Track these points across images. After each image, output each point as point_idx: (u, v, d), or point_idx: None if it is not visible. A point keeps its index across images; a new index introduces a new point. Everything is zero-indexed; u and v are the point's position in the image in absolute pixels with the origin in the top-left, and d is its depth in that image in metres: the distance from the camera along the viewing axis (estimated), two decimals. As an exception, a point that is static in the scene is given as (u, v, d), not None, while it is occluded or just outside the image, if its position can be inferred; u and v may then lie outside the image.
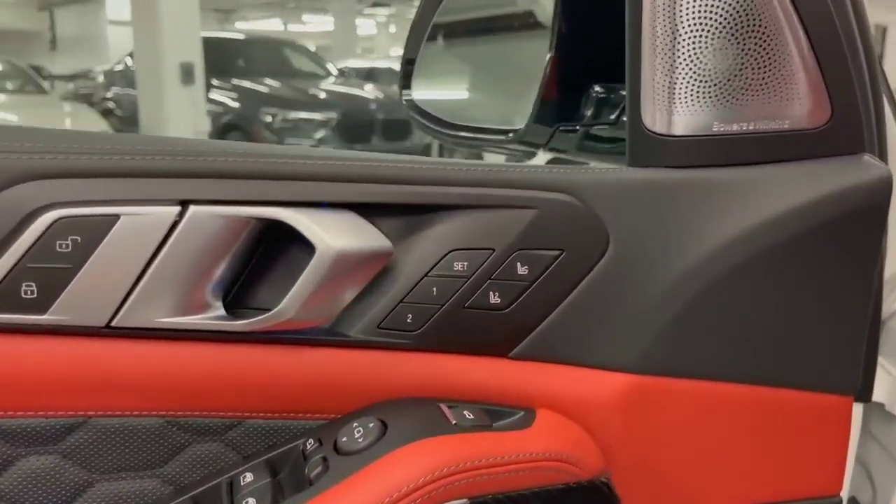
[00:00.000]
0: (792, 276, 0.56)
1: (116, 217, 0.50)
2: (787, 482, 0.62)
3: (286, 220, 0.53)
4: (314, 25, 20.80)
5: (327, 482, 0.49)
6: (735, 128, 0.54)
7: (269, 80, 7.38)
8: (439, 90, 0.96)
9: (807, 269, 0.56)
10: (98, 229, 0.50)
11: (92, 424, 0.54)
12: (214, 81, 7.22)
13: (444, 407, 0.55)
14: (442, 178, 0.56)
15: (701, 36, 0.52)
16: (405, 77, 0.92)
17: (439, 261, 0.56)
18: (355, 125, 6.55)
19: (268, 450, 0.56)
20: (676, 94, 0.54)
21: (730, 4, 0.52)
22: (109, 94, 8.85)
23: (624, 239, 0.56)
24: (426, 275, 0.56)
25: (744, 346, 0.57)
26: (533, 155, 0.79)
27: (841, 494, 0.63)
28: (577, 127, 0.75)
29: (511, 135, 0.79)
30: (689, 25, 0.52)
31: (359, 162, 0.55)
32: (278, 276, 0.55)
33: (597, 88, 0.76)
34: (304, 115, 6.75)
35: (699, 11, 0.52)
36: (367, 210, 0.55)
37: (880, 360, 1.07)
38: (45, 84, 8.41)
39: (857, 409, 0.70)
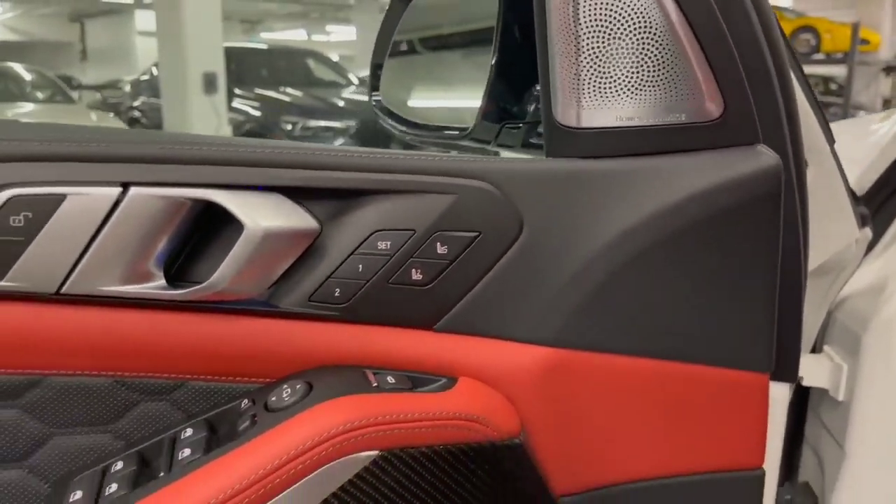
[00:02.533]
0: (694, 259, 0.59)
1: (63, 196, 0.56)
2: (705, 454, 0.64)
3: (218, 201, 0.58)
4: (337, 35, 21.04)
5: (250, 435, 0.54)
6: (636, 122, 0.58)
7: (290, 90, 7.51)
8: (405, 95, 1.02)
9: (708, 254, 0.59)
10: (47, 207, 0.56)
11: (48, 382, 0.60)
12: (237, 90, 7.37)
13: (369, 372, 0.60)
14: (367, 165, 0.60)
15: (599, 38, 0.57)
16: (374, 80, 0.99)
17: (364, 240, 0.60)
18: (373, 133, 6.64)
19: (209, 409, 0.61)
20: (582, 91, 0.58)
21: (622, 10, 0.57)
22: (136, 104, 9.06)
23: (536, 223, 0.60)
24: (352, 253, 0.60)
25: (653, 323, 0.60)
26: (485, 150, 0.84)
27: (764, 467, 0.66)
28: (521, 124, 0.80)
29: (464, 132, 0.85)
30: (588, 29, 0.57)
31: (289, 150, 0.60)
32: (215, 252, 0.60)
33: (538, 88, 0.81)
34: (323, 123, 6.87)
35: (596, 17, 0.57)
36: (297, 193, 0.60)
37: (826, 348, 1.10)
38: (74, 94, 8.60)
39: (783, 388, 0.73)
